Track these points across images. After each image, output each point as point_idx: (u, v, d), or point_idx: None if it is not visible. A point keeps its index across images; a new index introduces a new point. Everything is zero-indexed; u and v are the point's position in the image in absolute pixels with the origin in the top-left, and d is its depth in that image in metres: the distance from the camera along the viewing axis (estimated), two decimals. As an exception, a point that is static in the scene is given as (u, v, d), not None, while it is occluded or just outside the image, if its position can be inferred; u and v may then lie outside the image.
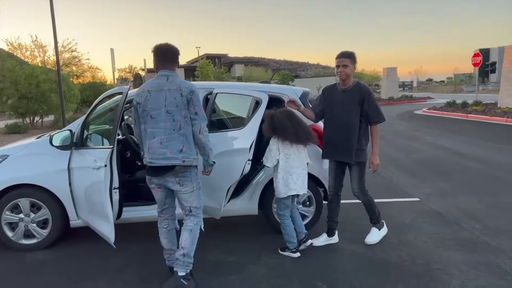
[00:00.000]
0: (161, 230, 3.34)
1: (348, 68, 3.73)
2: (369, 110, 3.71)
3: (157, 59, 3.15)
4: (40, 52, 18.97)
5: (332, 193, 3.99)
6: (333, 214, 4.01)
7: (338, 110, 3.81)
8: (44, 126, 16.77)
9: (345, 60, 3.74)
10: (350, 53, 3.78)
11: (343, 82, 3.83)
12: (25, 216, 4.00)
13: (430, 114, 20.24)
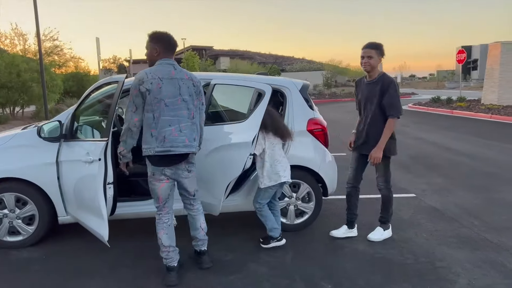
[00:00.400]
0: (161, 225, 3.12)
1: (373, 59, 3.62)
2: (386, 102, 3.59)
3: (161, 47, 3.05)
4: (20, 40, 18.32)
5: (351, 185, 3.94)
6: (353, 206, 3.97)
7: (364, 102, 3.77)
8: (25, 117, 16.23)
9: (371, 51, 3.61)
10: (376, 44, 3.65)
11: (368, 74, 3.72)
12: (9, 211, 3.77)
13: (416, 109, 20.40)
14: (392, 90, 3.58)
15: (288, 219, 4.12)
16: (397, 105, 3.59)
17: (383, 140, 3.63)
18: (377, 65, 3.67)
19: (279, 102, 4.25)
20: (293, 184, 4.10)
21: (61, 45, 19.61)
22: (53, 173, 3.69)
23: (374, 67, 3.65)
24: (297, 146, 4.04)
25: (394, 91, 3.58)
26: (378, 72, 3.70)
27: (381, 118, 3.65)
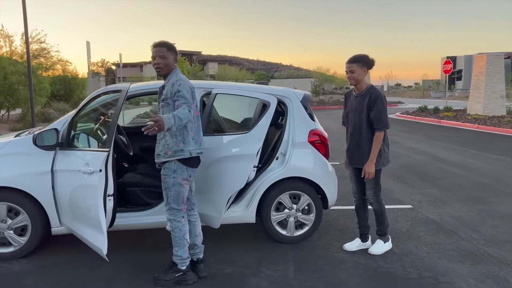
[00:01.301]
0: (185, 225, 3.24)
1: (356, 73, 3.62)
2: (373, 115, 3.59)
3: (176, 56, 3.23)
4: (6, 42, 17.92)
5: (358, 198, 3.93)
6: (362, 219, 3.95)
7: (352, 115, 3.76)
8: (10, 120, 15.88)
9: (352, 66, 3.62)
10: (358, 57, 3.64)
11: (355, 87, 3.73)
12: (1, 222, 3.63)
13: (404, 118, 20.62)
14: (380, 104, 3.57)
15: (288, 231, 4.06)
16: (384, 118, 3.58)
17: (374, 153, 3.62)
18: (362, 78, 3.65)
19: (279, 112, 4.21)
20: (293, 195, 4.05)
21: (48, 47, 19.22)
22: (48, 182, 3.58)
23: (358, 80, 3.64)
24: (298, 157, 4.00)
25: (381, 105, 3.57)
26: (365, 85, 3.70)
27: (369, 131, 3.66)
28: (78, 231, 3.47)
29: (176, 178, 3.11)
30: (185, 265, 3.26)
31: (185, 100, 2.93)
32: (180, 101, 2.93)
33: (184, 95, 2.96)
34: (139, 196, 4.04)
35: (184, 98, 2.94)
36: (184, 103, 2.92)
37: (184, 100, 2.93)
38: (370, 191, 3.77)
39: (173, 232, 3.21)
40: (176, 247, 3.24)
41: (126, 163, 4.80)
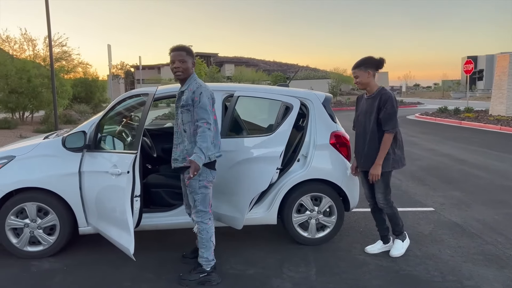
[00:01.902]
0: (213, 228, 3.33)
1: (360, 78, 3.63)
2: (382, 115, 3.56)
3: (193, 60, 3.27)
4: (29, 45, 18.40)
5: (371, 202, 3.89)
6: (380, 222, 3.93)
7: (362, 117, 3.75)
8: (34, 122, 16.29)
9: (355, 72, 3.65)
10: (358, 62, 3.64)
11: (366, 90, 3.72)
12: (31, 221, 3.75)
13: (423, 119, 20.33)
14: (389, 105, 3.54)
15: (309, 233, 4.08)
16: (392, 119, 3.54)
17: (381, 156, 3.59)
18: (367, 80, 3.63)
19: (300, 114, 4.23)
20: (315, 197, 4.06)
21: (69, 50, 19.66)
22: (75, 183, 3.68)
23: (365, 84, 3.63)
24: (319, 159, 4.01)
25: (391, 106, 3.54)
26: (375, 87, 3.67)
27: (379, 134, 3.62)
28: (105, 231, 3.56)
29: (202, 181, 3.17)
30: (210, 267, 3.31)
31: (205, 115, 3.02)
32: (200, 116, 3.03)
33: (204, 104, 3.05)
34: (163, 197, 4.12)
35: (204, 109, 3.03)
36: (203, 120, 3.02)
37: (204, 116, 3.02)
38: (379, 195, 3.72)
39: (200, 234, 3.26)
40: (202, 249, 3.29)
41: (149, 165, 4.89)
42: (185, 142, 3.16)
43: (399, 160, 3.70)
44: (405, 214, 5.11)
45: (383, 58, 3.62)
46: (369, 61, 3.61)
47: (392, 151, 3.65)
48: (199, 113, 3.04)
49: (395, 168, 3.68)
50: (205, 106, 3.04)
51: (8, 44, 17.66)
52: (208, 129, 3.00)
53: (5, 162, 3.74)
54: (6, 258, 3.77)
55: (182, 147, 3.18)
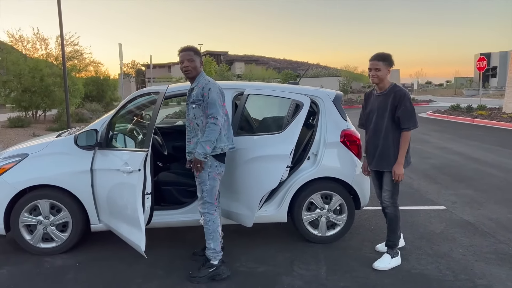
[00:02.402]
0: (219, 219, 3.41)
1: (381, 71, 3.47)
2: (401, 114, 3.44)
3: (201, 59, 3.41)
4: (42, 45, 18.62)
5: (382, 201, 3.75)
6: None
7: (373, 115, 3.60)
8: (46, 120, 16.50)
9: (378, 64, 3.47)
10: (384, 56, 3.50)
11: (377, 86, 3.60)
12: (44, 218, 3.80)
13: (435, 117, 20.14)
14: (407, 102, 3.43)
15: (319, 231, 4.07)
16: (412, 116, 3.44)
17: (402, 154, 3.48)
18: (386, 76, 3.52)
19: (310, 112, 4.21)
20: (325, 195, 4.05)
21: (81, 49, 19.85)
22: (87, 180, 3.72)
23: (382, 79, 3.50)
24: (330, 157, 3.99)
25: (409, 103, 3.44)
26: (388, 83, 3.55)
27: (393, 132, 3.50)
28: (116, 228, 3.59)
29: (212, 173, 3.28)
30: (218, 259, 3.36)
31: (213, 109, 3.17)
32: (209, 111, 3.19)
33: (213, 99, 3.19)
34: (174, 195, 4.14)
35: (212, 104, 3.18)
36: (211, 115, 3.17)
37: (212, 110, 3.17)
38: (386, 193, 3.58)
39: (207, 225, 3.35)
40: (209, 240, 3.36)
41: (160, 163, 4.93)
42: (199, 135, 3.29)
43: (409, 158, 3.62)
44: (417, 212, 5.08)
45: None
46: (390, 58, 3.51)
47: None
48: (209, 108, 3.20)
49: (405, 167, 3.57)
50: (213, 101, 3.19)
51: (21, 43, 17.91)
52: (214, 124, 3.15)
53: (18, 160, 3.80)
54: (20, 254, 3.84)
55: (196, 140, 3.31)
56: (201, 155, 3.14)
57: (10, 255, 3.85)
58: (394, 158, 3.50)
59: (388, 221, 3.64)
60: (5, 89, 15.35)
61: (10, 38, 17.53)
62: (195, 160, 3.18)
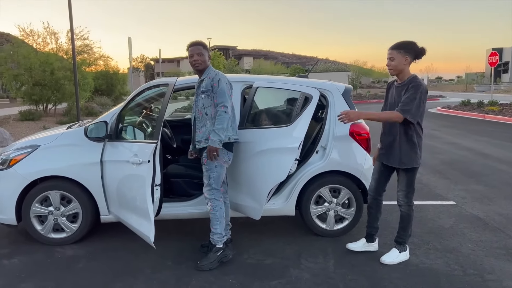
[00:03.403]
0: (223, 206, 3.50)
1: (395, 61, 3.29)
2: (403, 99, 3.26)
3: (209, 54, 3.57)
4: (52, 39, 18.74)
5: (372, 196, 3.65)
6: (372, 219, 3.71)
7: (391, 107, 3.46)
8: (57, 114, 16.66)
9: (392, 52, 3.31)
10: (399, 44, 3.32)
11: (397, 76, 3.42)
12: (54, 209, 3.85)
13: (445, 113, 19.95)
14: (413, 92, 3.21)
15: (327, 225, 4.07)
16: (410, 106, 3.19)
17: (369, 114, 3.30)
18: (402, 66, 3.29)
19: (319, 105, 4.20)
20: (334, 189, 4.05)
21: (91, 44, 19.95)
22: (97, 172, 3.75)
23: (398, 69, 3.31)
24: (339, 151, 3.98)
25: (414, 93, 3.20)
26: (408, 74, 3.33)
27: (404, 126, 3.33)
28: (126, 219, 3.63)
29: (219, 161, 3.38)
30: (222, 242, 3.49)
31: (223, 98, 3.30)
32: (219, 100, 3.32)
33: (222, 89, 3.33)
34: (182, 187, 4.17)
35: (222, 93, 3.31)
36: (221, 103, 3.30)
37: (222, 99, 3.30)
38: (401, 192, 3.47)
39: (214, 211, 3.44)
40: (216, 226, 3.46)
41: (169, 155, 4.95)
42: (207, 124, 3.40)
43: (417, 159, 3.41)
44: (426, 207, 5.05)
45: (425, 49, 3.29)
46: (410, 46, 3.27)
47: (419, 147, 3.39)
48: (218, 97, 3.32)
49: (419, 165, 3.40)
50: (223, 90, 3.32)
51: (32, 37, 18.01)
52: (225, 112, 3.28)
53: (29, 151, 3.85)
54: (31, 244, 3.90)
55: (205, 129, 3.41)
56: (216, 142, 3.24)
57: (22, 245, 3.91)
58: (401, 155, 3.37)
59: (401, 219, 3.56)
60: (16, 82, 15.52)
61: (21, 32, 17.65)
62: (210, 148, 3.26)
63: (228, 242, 3.60)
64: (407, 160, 3.36)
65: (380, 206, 3.71)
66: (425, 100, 3.28)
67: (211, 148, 3.26)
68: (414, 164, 3.38)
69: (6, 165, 3.83)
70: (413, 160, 3.36)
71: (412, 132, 3.35)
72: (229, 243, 3.61)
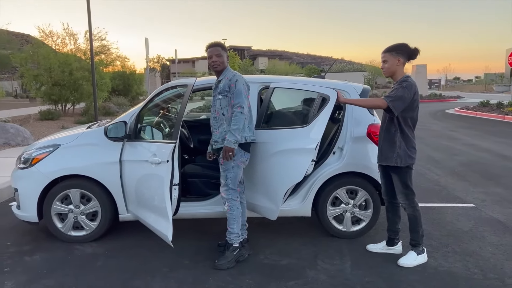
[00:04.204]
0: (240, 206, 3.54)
1: (388, 63, 3.36)
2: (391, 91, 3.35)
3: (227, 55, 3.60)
4: (71, 40, 19.05)
5: (387, 200, 3.67)
6: (390, 223, 3.70)
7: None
8: (75, 113, 16.93)
9: (385, 55, 3.38)
10: (391, 47, 3.38)
11: (391, 78, 3.47)
12: (74, 207, 3.92)
13: (464, 114, 19.63)
14: (399, 87, 3.27)
15: (344, 226, 4.05)
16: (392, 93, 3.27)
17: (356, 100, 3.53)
18: (395, 68, 3.35)
19: (336, 106, 4.17)
20: (351, 190, 4.02)
21: (108, 44, 20.20)
22: (116, 171, 3.81)
23: (391, 70, 3.37)
24: (356, 152, 3.96)
25: (400, 89, 3.26)
26: (400, 75, 3.38)
27: (395, 126, 3.37)
28: (144, 218, 3.68)
29: (236, 161, 3.40)
30: (238, 241, 3.52)
31: (240, 99, 3.33)
32: (235, 100, 3.34)
33: (239, 90, 3.35)
34: (199, 187, 4.20)
35: (239, 94, 3.34)
36: (238, 104, 3.32)
37: (239, 100, 3.32)
38: (400, 195, 3.46)
39: (231, 211, 3.48)
40: (233, 225, 3.49)
41: (186, 155, 5.00)
42: (224, 124, 3.43)
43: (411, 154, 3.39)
44: (444, 209, 4.98)
45: (418, 49, 3.38)
46: (402, 48, 3.35)
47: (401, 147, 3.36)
48: (235, 98, 3.35)
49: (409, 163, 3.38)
50: (240, 91, 3.35)
51: (51, 38, 18.34)
52: (241, 113, 3.30)
53: (51, 151, 3.93)
54: (52, 242, 3.97)
55: (221, 129, 3.45)
56: (232, 143, 3.27)
57: (43, 242, 4.00)
58: (381, 151, 3.49)
59: (409, 222, 3.55)
60: (36, 82, 15.81)
61: (41, 33, 18.00)
62: (226, 148, 3.29)
63: (244, 242, 3.61)
64: (385, 157, 3.46)
65: (397, 209, 3.69)
66: (413, 97, 3.31)
67: (227, 149, 3.29)
68: (390, 163, 3.41)
69: (29, 164, 3.92)
70: (390, 158, 3.41)
71: (395, 131, 3.39)
72: (245, 243, 3.63)
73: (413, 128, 3.45)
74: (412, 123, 3.41)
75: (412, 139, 3.41)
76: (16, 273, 3.37)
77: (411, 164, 3.41)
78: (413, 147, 3.41)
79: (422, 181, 6.37)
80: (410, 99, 3.29)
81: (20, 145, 9.28)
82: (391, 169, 3.48)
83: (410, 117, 3.38)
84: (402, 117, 3.35)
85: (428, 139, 10.90)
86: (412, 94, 3.29)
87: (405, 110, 3.32)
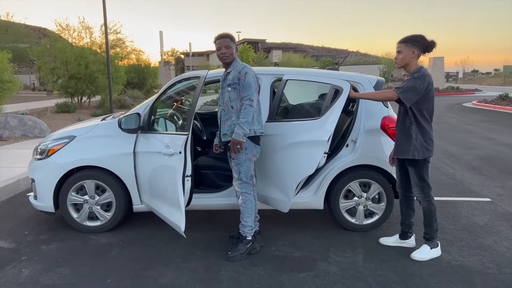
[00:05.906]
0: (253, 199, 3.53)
1: (402, 54, 3.32)
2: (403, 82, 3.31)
3: (237, 47, 3.58)
4: (86, 33, 19.25)
5: (401, 193, 3.64)
6: (403, 216, 3.67)
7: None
8: (91, 106, 17.15)
9: (400, 46, 3.34)
10: (406, 37, 3.33)
11: (404, 69, 3.43)
12: (90, 198, 3.99)
13: (481, 107, 19.25)
14: (412, 78, 3.22)
15: (357, 219, 4.03)
16: (403, 88, 3.20)
17: (365, 94, 3.44)
18: (409, 59, 3.32)
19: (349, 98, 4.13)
20: (364, 183, 4.00)
21: (123, 38, 20.36)
22: (130, 163, 3.85)
23: (404, 61, 3.33)
24: (369, 145, 3.92)
25: (413, 79, 3.21)
26: (414, 67, 3.34)
27: (410, 118, 3.33)
28: (157, 209, 3.72)
29: (248, 155, 3.42)
30: (251, 234, 3.54)
31: (249, 91, 3.31)
32: (245, 93, 3.32)
33: (249, 82, 3.33)
34: (212, 179, 4.22)
35: (249, 86, 3.31)
36: (247, 97, 3.30)
37: (248, 93, 3.30)
38: (415, 188, 3.43)
39: (245, 204, 3.50)
40: (247, 218, 3.51)
41: (199, 147, 5.02)
42: (233, 117, 3.42)
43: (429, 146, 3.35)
44: (459, 203, 4.91)
45: (435, 42, 3.31)
46: (418, 39, 3.30)
47: (417, 140, 3.33)
48: (244, 90, 3.33)
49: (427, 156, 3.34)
50: (249, 83, 3.33)
51: (68, 32, 18.56)
52: (250, 106, 3.29)
53: (66, 142, 3.99)
54: (68, 231, 4.06)
55: (230, 122, 3.44)
56: (240, 135, 3.26)
57: (59, 232, 4.08)
58: (398, 145, 3.46)
59: (424, 215, 3.51)
60: (53, 75, 16.05)
61: (58, 27, 18.22)
62: (234, 141, 3.29)
63: (256, 234, 3.63)
64: (402, 151, 3.42)
65: (411, 202, 3.65)
66: (426, 87, 3.25)
67: (235, 141, 3.28)
68: (408, 156, 3.38)
69: (45, 155, 4.00)
70: (407, 151, 3.38)
71: (410, 123, 3.36)
72: (257, 235, 3.64)
73: (430, 120, 3.39)
74: (428, 115, 3.36)
75: (429, 131, 3.36)
76: (33, 262, 3.46)
77: (428, 157, 3.37)
78: (430, 139, 3.36)
79: (437, 174, 6.29)
80: (424, 90, 3.23)
81: (37, 137, 9.46)
82: (408, 162, 3.44)
83: (426, 109, 3.33)
84: (417, 108, 3.31)
85: (444, 133, 10.74)
86: (425, 84, 3.23)
87: (419, 102, 3.28)
